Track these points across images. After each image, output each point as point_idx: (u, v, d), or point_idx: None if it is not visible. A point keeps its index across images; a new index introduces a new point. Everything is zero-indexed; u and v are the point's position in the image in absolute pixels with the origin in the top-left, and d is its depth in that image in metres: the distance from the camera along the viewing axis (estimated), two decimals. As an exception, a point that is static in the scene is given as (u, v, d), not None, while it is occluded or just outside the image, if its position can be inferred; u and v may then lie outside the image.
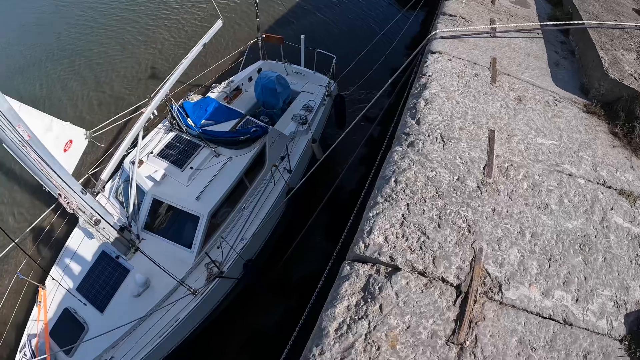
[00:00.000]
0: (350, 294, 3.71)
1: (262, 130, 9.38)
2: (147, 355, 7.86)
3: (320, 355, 3.33)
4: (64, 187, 7.59)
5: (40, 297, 9.07)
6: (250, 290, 9.55)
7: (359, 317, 3.54)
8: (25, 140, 6.75)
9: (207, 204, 8.54)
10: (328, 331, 3.45)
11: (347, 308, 3.60)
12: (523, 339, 3.87)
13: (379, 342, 3.42)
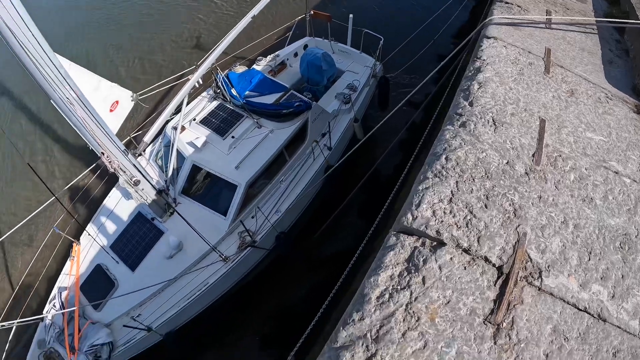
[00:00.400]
0: (394, 264, 3.68)
1: (306, 106, 9.34)
2: (173, 316, 8.00)
3: (360, 320, 3.32)
4: (107, 146, 7.71)
5: (73, 252, 9.25)
6: (280, 263, 9.61)
7: (402, 287, 3.52)
8: (73, 99, 6.86)
9: (245, 173, 8.57)
10: (370, 298, 3.44)
11: (390, 277, 3.57)
12: (557, 327, 3.81)
13: (419, 313, 3.39)
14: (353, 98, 10.34)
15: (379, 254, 3.90)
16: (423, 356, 3.23)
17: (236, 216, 8.58)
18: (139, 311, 8.13)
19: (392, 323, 3.33)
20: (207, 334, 9.53)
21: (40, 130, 14.97)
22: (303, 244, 9.86)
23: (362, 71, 11.26)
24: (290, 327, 9.32)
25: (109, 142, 7.74)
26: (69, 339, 8.19)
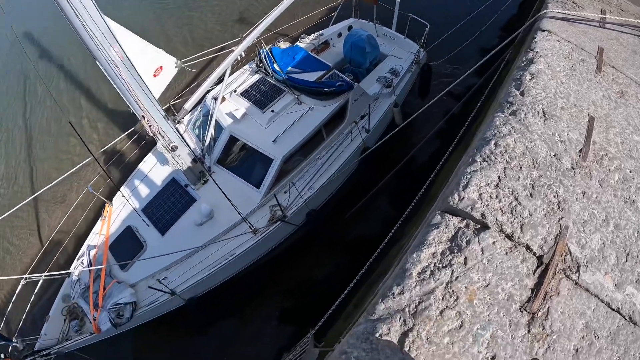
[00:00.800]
0: (437, 242, 3.66)
1: (347, 86, 9.29)
2: (197, 282, 8.11)
3: (400, 294, 3.31)
4: (148, 110, 7.79)
5: (105, 212, 9.40)
6: (307, 240, 9.62)
7: (443, 266, 3.50)
8: (118, 61, 6.93)
9: (282, 148, 8.57)
10: (411, 273, 3.43)
11: (432, 255, 3.55)
12: (590, 324, 3.76)
13: (458, 293, 3.38)
14: (394, 83, 10.24)
15: (423, 231, 3.87)
16: (458, 336, 3.21)
17: (269, 190, 8.61)
18: (165, 274, 8.23)
19: (431, 300, 3.32)
20: (228, 304, 9.65)
21: (83, 91, 15.22)
22: (332, 224, 9.85)
23: (405, 57, 11.13)
24: (310, 305, 9.43)
25: (151, 106, 7.82)
26: (94, 296, 8.33)
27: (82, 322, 8.45)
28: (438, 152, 10.25)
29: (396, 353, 3.03)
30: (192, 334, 9.89)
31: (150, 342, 10.21)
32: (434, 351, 3.07)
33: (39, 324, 9.09)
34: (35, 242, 12.96)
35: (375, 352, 3.03)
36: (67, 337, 8.35)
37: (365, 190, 9.71)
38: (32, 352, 8.04)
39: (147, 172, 9.76)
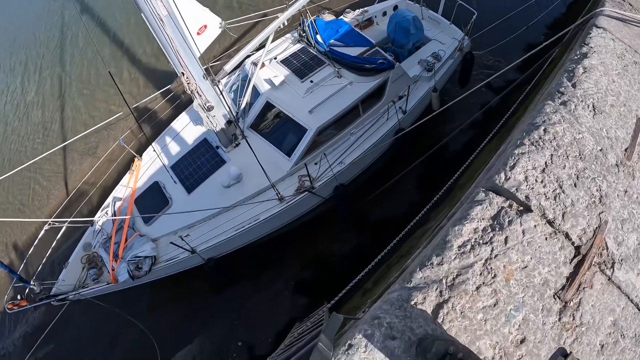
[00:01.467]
0: (480, 218, 3.63)
1: (389, 65, 9.18)
2: (218, 243, 8.17)
3: (439, 265, 3.30)
4: (189, 67, 7.80)
5: (134, 166, 9.49)
6: (331, 214, 9.60)
7: (484, 242, 3.47)
8: (163, 16, 6.92)
9: (318, 119, 8.53)
10: (452, 245, 3.41)
11: (474, 230, 3.53)
12: (617, 322, 3.72)
13: (496, 271, 3.35)
14: (436, 67, 10.10)
15: (466, 206, 3.84)
16: (492, 314, 3.19)
17: (300, 159, 8.60)
18: (187, 232, 8.29)
19: (469, 274, 3.30)
20: (246, 268, 9.72)
21: (125, 45, 15.33)
22: (357, 201, 9.80)
23: (448, 42, 10.96)
24: (326, 279, 9.47)
25: (191, 63, 7.84)
26: (114, 246, 8.45)
27: (100, 272, 8.59)
28: (471, 143, 10.14)
29: (429, 323, 3.01)
30: (207, 294, 10.00)
31: (164, 298, 10.35)
32: (466, 326, 3.05)
33: (58, 269, 9.28)
34: (62, 190, 13.15)
35: (408, 320, 3.02)
36: (84, 284, 8.49)
37: (395, 171, 9.65)
38: (48, 296, 8.18)
39: (179, 131, 9.81)
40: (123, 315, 8.95)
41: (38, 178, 13.54)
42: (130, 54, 14.97)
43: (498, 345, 3.05)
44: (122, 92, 8.82)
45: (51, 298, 8.22)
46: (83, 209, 10.09)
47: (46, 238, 8.43)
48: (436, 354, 2.66)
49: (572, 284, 3.60)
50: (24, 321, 11.82)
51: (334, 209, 9.35)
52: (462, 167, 7.48)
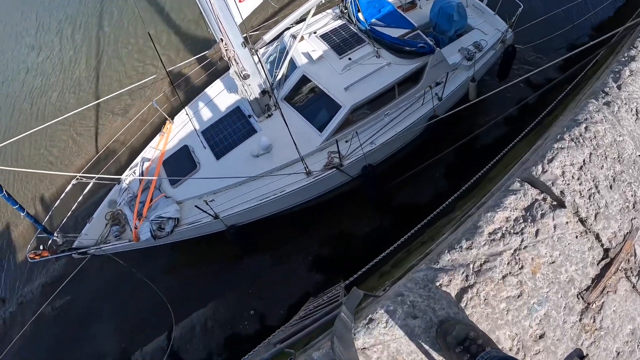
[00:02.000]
0: (512, 208, 3.59)
1: (429, 49, 9.05)
2: (241, 211, 8.23)
3: (468, 249, 3.27)
4: (228, 33, 7.77)
5: (165, 128, 9.55)
6: (356, 194, 9.58)
7: (514, 232, 3.44)
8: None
9: (353, 97, 8.46)
10: (482, 231, 3.38)
11: (506, 219, 3.49)
12: (636, 331, 3.65)
13: (523, 262, 3.32)
14: (476, 57, 9.93)
15: (499, 194, 3.79)
16: (515, 305, 3.16)
17: (331, 135, 8.57)
18: (212, 197, 8.32)
19: (497, 262, 3.26)
20: (266, 239, 9.80)
21: (166, 9, 15.37)
22: (383, 183, 9.76)
23: (491, 33, 10.74)
24: (344, 258, 9.49)
25: (231, 29, 7.80)
26: (139, 205, 8.54)
27: (122, 229, 8.71)
28: (504, 138, 9.99)
29: (451, 306, 2.99)
30: (225, 261, 10.11)
31: (182, 261, 10.50)
32: (488, 313, 3.02)
33: (81, 224, 9.41)
34: (92, 147, 13.31)
35: (431, 300, 3.00)
36: (105, 240, 8.63)
37: (424, 157, 9.57)
38: (70, 249, 8.32)
39: (213, 97, 9.84)
40: (139, 276, 9.08)
41: (71, 133, 13.75)
42: (170, 18, 15.02)
43: (517, 337, 3.04)
44: (160, 55, 8.85)
45: (73, 251, 8.36)
46: (111, 167, 10.23)
47: (72, 192, 8.55)
48: (456, 337, 2.66)
49: (597, 286, 3.56)
50: (44, 272, 12.08)
51: (360, 189, 9.32)
52: (493, 161, 7.39)
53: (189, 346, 9.62)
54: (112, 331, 10.66)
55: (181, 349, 9.63)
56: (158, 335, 10.02)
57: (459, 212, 7.72)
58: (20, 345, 11.19)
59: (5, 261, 13.33)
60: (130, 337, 10.36)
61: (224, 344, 9.43)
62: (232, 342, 9.39)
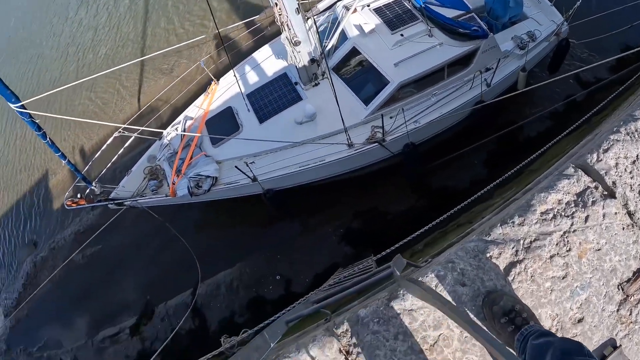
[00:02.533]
0: (565, 192, 3.59)
1: (482, 33, 8.91)
2: (279, 177, 8.33)
3: (520, 225, 3.29)
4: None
5: (210, 89, 9.63)
6: (394, 171, 9.55)
7: (566, 215, 3.44)
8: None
9: (402, 74, 8.40)
10: (535, 209, 3.40)
11: (558, 201, 3.50)
12: None
13: (571, 245, 3.32)
14: (529, 47, 9.74)
15: (553, 177, 3.80)
16: (559, 285, 3.17)
17: (376, 110, 8.55)
18: (252, 160, 8.36)
19: (546, 242, 3.27)
20: (300, 206, 9.88)
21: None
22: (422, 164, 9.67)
23: (546, 24, 10.51)
24: (375, 233, 9.54)
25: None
26: (179, 162, 8.64)
27: (160, 184, 8.83)
28: (547, 132, 9.89)
29: (499, 279, 3.02)
30: (257, 224, 10.25)
31: (214, 220, 10.64)
32: (533, 290, 3.04)
33: (119, 177, 9.58)
34: (135, 103, 13.50)
35: (480, 270, 3.04)
36: (142, 193, 8.74)
37: (466, 142, 9.48)
38: (107, 199, 8.47)
39: (260, 62, 9.87)
40: (171, 231, 9.23)
41: (117, 87, 13.98)
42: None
43: (558, 317, 3.06)
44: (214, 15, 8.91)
45: (109, 201, 8.52)
46: (152, 124, 10.33)
47: (113, 145, 8.72)
48: (503, 307, 2.70)
49: (637, 279, 3.55)
50: (77, 220, 12.36)
51: (398, 167, 9.29)
52: (537, 153, 7.27)
53: (212, 304, 9.81)
54: (138, 283, 10.92)
55: (204, 306, 9.82)
56: (183, 291, 10.25)
57: (498, 199, 7.67)
58: (48, 288, 11.53)
59: (41, 207, 13.70)
60: (156, 290, 10.62)
61: (246, 305, 9.61)
62: (255, 304, 9.55)
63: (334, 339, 2.91)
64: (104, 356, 10.82)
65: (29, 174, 14.41)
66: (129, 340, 10.54)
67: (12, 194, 14.54)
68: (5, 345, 12.83)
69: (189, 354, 9.41)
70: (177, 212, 9.75)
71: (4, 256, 14.06)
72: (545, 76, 10.92)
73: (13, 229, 14.03)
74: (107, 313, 11.08)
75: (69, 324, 11.74)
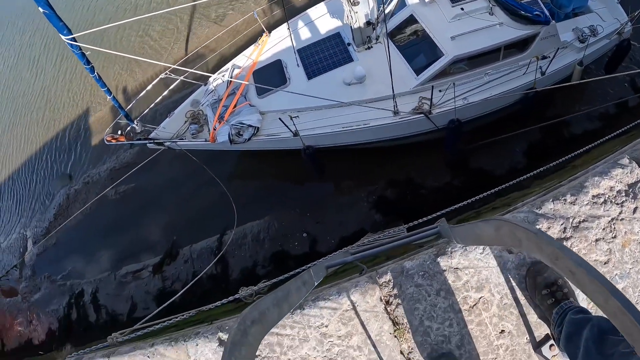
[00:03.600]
0: (618, 180, 3.58)
1: (544, 19, 8.72)
2: (322, 134, 8.42)
3: (571, 204, 3.33)
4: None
5: (261, 40, 9.68)
6: (433, 145, 9.49)
7: (616, 203, 3.45)
8: None
9: (458, 48, 8.30)
10: (587, 191, 3.42)
11: (610, 188, 3.50)
12: None
13: (617, 233, 3.34)
14: (589, 41, 9.52)
15: (608, 164, 3.78)
16: (600, 270, 3.21)
17: (427, 81, 8.48)
18: (297, 114, 8.39)
19: (594, 224, 3.29)
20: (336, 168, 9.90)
21: None
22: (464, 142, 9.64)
23: (609, 21, 10.23)
24: (407, 204, 9.58)
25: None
26: (222, 109, 8.71)
27: (200, 129, 8.94)
28: (593, 131, 9.71)
29: None
30: (291, 179, 10.39)
31: (250, 170, 10.75)
32: None
33: (160, 118, 9.68)
34: (182, 48, 13.61)
35: None
36: (182, 136, 8.83)
37: (510, 128, 9.37)
38: (147, 138, 8.61)
39: (314, 19, 9.87)
40: (206, 176, 9.36)
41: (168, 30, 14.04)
42: None
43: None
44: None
45: (149, 140, 8.67)
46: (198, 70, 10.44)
47: (158, 86, 8.86)
48: (546, 279, 2.76)
49: None
50: (114, 157, 12.59)
51: (439, 142, 9.22)
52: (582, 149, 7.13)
53: (237, 252, 9.97)
54: (167, 223, 11.14)
55: (229, 253, 9.98)
56: (210, 236, 10.43)
57: (536, 188, 7.58)
58: (78, 220, 11.80)
59: (79, 142, 13.96)
60: (183, 233, 10.82)
61: (270, 257, 9.76)
62: (278, 257, 9.69)
63: (377, 287, 3.00)
64: (124, 290, 11.10)
65: (72, 108, 14.69)
66: (151, 278, 10.79)
67: (53, 127, 14.86)
68: (30, 271, 13.22)
69: (207, 297, 9.62)
70: (213, 158, 9.85)
71: (38, 186, 14.43)
72: (600, 75, 10.69)
73: (50, 161, 14.37)
74: (133, 249, 11.34)
75: (94, 256, 12.05)
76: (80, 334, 11.22)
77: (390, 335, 2.89)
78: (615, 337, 2.01)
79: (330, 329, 2.93)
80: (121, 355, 3.57)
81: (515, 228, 1.65)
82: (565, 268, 1.39)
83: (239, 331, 1.51)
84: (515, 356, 2.82)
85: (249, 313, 1.64)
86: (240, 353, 1.43)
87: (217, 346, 3.11)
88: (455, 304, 2.89)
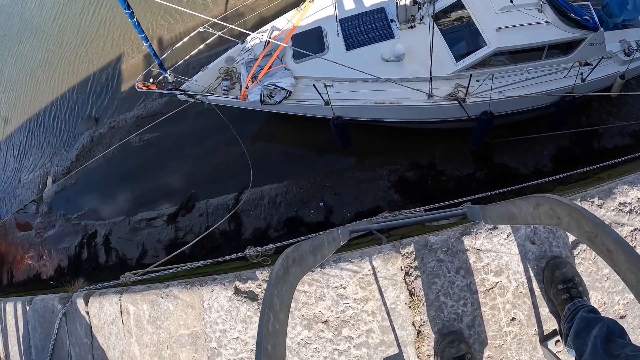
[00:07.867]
0: None
1: (593, 25, 8.59)
2: (354, 107, 8.46)
3: (598, 207, 3.31)
4: None
5: (303, 5, 9.66)
6: (462, 134, 9.46)
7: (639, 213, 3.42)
8: None
9: (501, 40, 8.22)
10: (615, 198, 3.40)
11: (637, 199, 3.47)
12: None
13: (637, 243, 3.35)
14: (635, 55, 9.38)
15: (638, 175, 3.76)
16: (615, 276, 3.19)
17: (465, 69, 8.42)
18: (331, 83, 8.39)
19: (617, 231, 3.27)
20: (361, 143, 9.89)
21: None
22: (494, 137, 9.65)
23: (660, 39, 10.11)
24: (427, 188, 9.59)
25: None
26: (257, 69, 8.73)
27: (232, 86, 9.00)
28: (624, 147, 9.59)
29: (565, 249, 3.08)
30: (315, 148, 10.43)
31: (276, 133, 10.78)
32: (591, 272, 3.08)
33: (193, 72, 9.72)
34: (221, 5, 13.57)
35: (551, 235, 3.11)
36: (213, 91, 8.88)
37: (540, 129, 9.34)
38: (178, 89, 8.67)
39: None
40: (230, 134, 9.41)
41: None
42: None
43: (605, 306, 3.09)
44: None
45: (179, 91, 8.74)
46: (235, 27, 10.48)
47: (195, 39, 8.91)
48: (564, 274, 2.78)
49: None
50: (143, 105, 12.69)
51: (468, 132, 9.19)
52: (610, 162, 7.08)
53: (252, 212, 10.07)
54: (186, 175, 11.26)
55: (244, 212, 10.07)
56: (227, 193, 10.53)
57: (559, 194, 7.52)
58: (99, 163, 11.98)
59: (109, 87, 14.10)
60: (201, 187, 10.95)
61: (284, 222, 9.85)
62: (292, 223, 9.77)
63: (399, 256, 3.03)
64: (137, 236, 11.29)
65: (107, 53, 14.82)
66: (164, 227, 10.94)
67: (86, 69, 15.01)
68: (47, 208, 13.44)
69: (216, 252, 9.73)
70: (241, 117, 9.87)
71: (64, 125, 14.60)
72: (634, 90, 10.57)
73: (78, 102, 14.57)
74: (150, 197, 11.51)
75: (111, 200, 12.25)
76: (89, 274, 11.43)
77: (406, 305, 2.95)
78: (623, 340, 2.08)
79: (347, 290, 2.99)
80: (135, 294, 3.65)
81: (558, 204, 1.66)
82: (602, 246, 1.42)
83: (283, 267, 1.56)
84: (521, 345, 2.88)
85: (292, 252, 1.69)
86: (282, 289, 1.47)
87: (233, 294, 3.18)
88: (472, 285, 2.94)
